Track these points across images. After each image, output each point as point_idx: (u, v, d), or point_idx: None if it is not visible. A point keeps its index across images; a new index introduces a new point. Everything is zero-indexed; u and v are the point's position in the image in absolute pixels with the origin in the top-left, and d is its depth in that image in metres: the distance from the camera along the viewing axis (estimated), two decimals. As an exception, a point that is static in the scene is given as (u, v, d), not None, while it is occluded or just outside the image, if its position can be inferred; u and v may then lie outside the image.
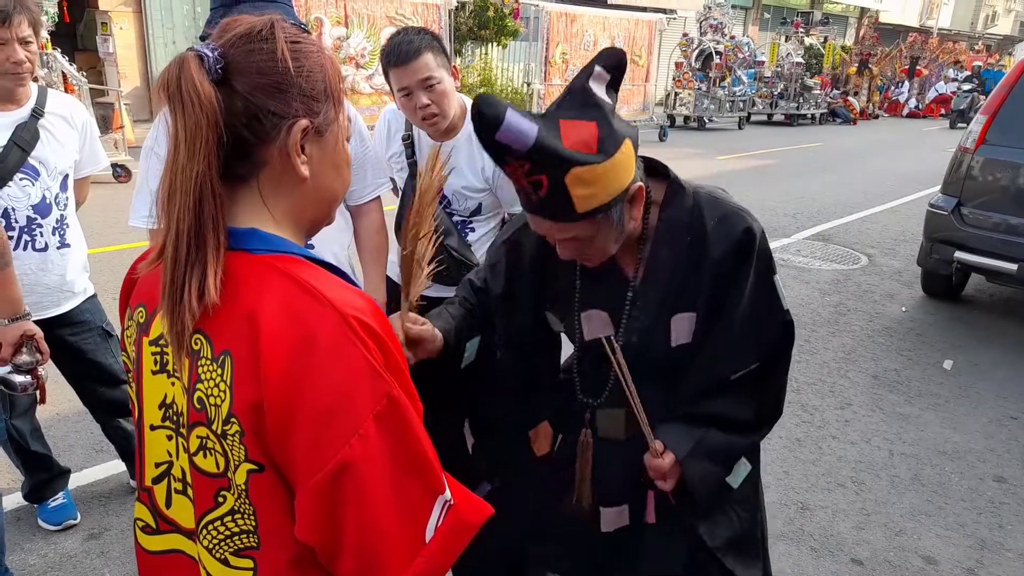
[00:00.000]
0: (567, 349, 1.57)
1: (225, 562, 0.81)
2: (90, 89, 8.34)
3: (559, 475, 1.53)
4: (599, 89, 1.19)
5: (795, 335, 1.42)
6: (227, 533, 0.81)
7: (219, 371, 0.76)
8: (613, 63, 1.20)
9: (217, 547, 0.81)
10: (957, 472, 3.22)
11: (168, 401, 0.85)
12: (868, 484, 3.08)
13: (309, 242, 0.94)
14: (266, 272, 0.79)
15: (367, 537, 0.74)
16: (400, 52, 2.00)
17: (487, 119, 1.10)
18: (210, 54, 0.77)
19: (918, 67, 22.90)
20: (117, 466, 2.86)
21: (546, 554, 1.57)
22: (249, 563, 0.81)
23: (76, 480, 2.76)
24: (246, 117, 0.79)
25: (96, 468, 2.92)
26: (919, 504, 2.97)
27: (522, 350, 1.51)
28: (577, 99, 1.18)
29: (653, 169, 1.37)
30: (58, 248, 2.26)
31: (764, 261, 1.34)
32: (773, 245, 4.34)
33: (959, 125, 18.29)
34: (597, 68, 1.19)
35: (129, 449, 2.59)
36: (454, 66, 2.17)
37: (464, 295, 1.54)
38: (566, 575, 1.55)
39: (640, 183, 1.23)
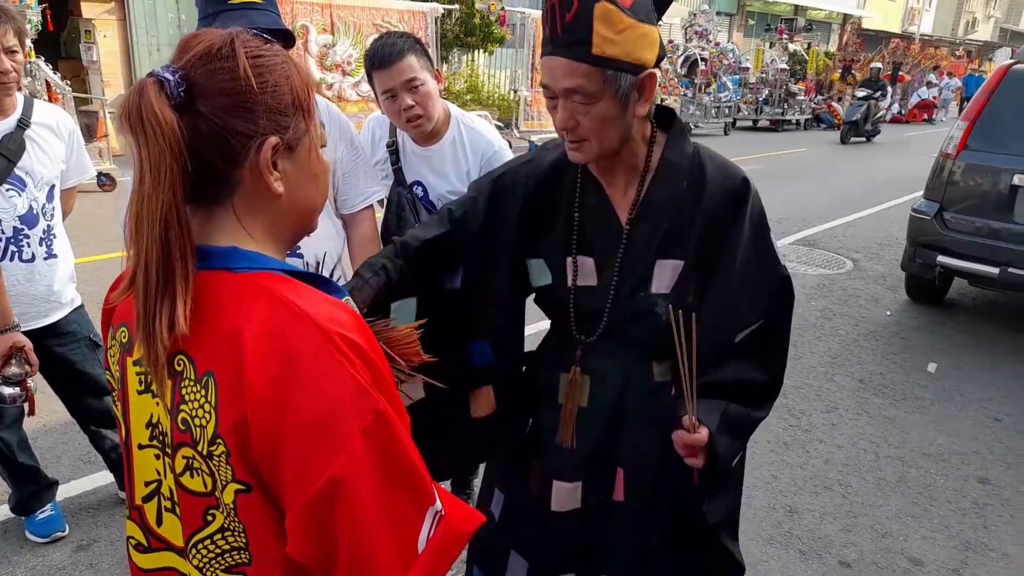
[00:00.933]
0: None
1: (217, 579, 0.81)
2: (74, 97, 8.28)
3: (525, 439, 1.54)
4: None
5: (795, 293, 1.41)
6: (217, 551, 0.80)
7: (203, 392, 0.76)
8: None
9: (208, 565, 0.81)
10: (942, 474, 3.25)
11: (154, 421, 0.84)
12: (855, 487, 3.11)
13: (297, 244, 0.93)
14: (248, 291, 0.78)
15: (359, 552, 0.74)
16: (383, 54, 2.02)
17: None
18: (170, 78, 0.75)
19: (900, 73, 23.12)
20: (105, 477, 2.84)
21: (511, 535, 1.56)
22: (241, 579, 0.81)
23: (64, 492, 2.74)
24: (213, 140, 0.77)
25: (84, 479, 2.90)
26: (905, 506, 3.00)
27: (485, 289, 1.47)
28: None
29: (660, 117, 1.39)
30: (45, 259, 2.25)
31: (758, 216, 1.35)
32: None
33: (852, 139, 16.20)
34: None
35: (117, 460, 2.57)
36: (437, 70, 2.18)
37: (437, 221, 1.48)
38: (532, 556, 1.54)
39: (654, 71, 1.25)
